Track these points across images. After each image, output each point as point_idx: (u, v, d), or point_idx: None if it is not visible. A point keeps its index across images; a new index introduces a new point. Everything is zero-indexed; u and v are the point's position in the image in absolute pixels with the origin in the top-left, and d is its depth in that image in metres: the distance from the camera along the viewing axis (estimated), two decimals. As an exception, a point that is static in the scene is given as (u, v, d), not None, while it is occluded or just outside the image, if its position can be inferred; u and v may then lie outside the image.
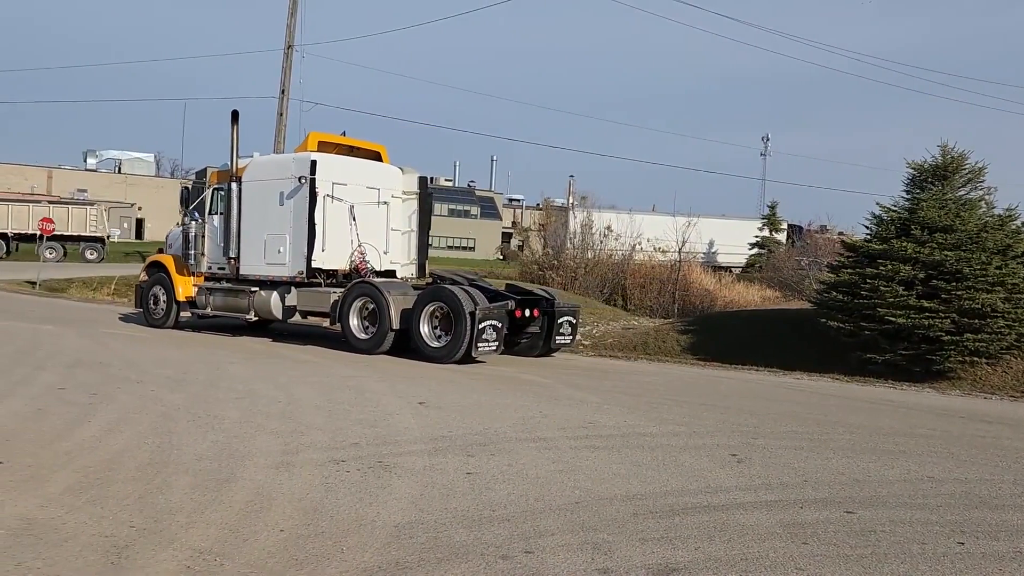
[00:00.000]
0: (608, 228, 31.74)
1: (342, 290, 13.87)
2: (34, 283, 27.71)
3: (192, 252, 15.96)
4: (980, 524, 5.46)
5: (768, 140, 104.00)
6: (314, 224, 14.04)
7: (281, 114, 28.50)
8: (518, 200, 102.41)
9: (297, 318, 15.00)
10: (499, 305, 12.85)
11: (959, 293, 13.11)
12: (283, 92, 28.65)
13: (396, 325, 13.06)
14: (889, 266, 13.71)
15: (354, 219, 14.63)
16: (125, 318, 18.36)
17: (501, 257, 71.06)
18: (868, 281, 13.88)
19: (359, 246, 14.69)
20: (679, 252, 31.18)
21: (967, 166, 15.24)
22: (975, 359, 13.20)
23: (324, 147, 15.09)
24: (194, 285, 16.09)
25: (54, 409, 8.02)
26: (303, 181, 14.05)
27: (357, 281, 13.85)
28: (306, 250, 14.06)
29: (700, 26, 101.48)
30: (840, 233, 33.55)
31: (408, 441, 7.23)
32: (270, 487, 5.68)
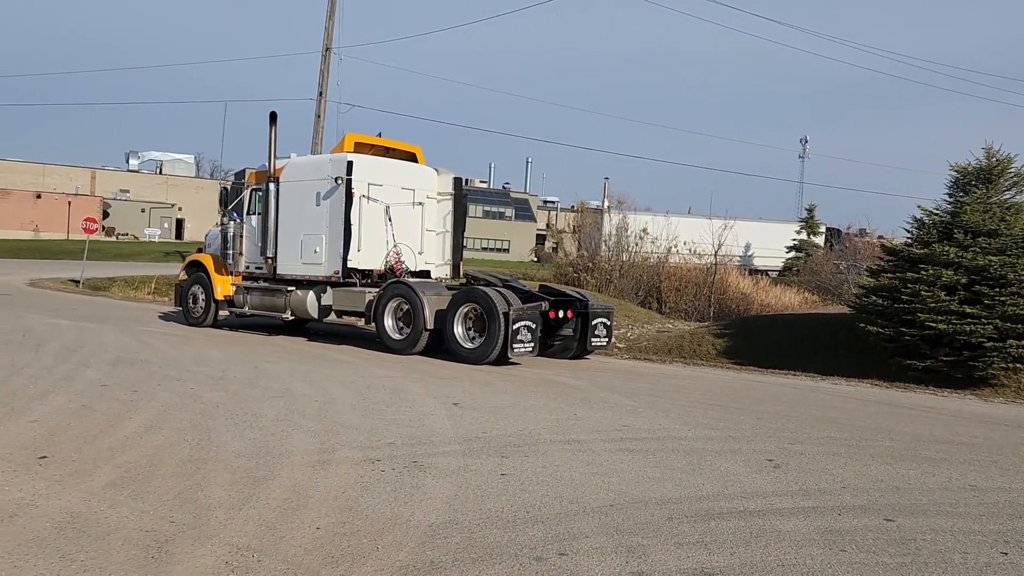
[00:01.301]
0: (644, 230, 31.62)
1: (377, 290, 13.95)
2: (77, 282, 28.31)
3: (230, 252, 16.18)
4: (1025, 535, 5.34)
5: (806, 142, 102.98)
6: (350, 224, 14.16)
7: (319, 116, 28.81)
8: (553, 202, 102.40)
9: (332, 317, 15.14)
10: (533, 306, 12.82)
11: (1003, 299, 12.85)
12: (320, 94, 28.95)
13: (430, 325, 13.10)
14: (931, 271, 13.48)
15: (390, 219, 14.74)
16: (165, 316, 18.65)
17: (535, 259, 71.15)
18: (909, 286, 13.65)
19: (394, 246, 14.79)
20: (715, 255, 30.98)
21: (1013, 169, 14.94)
22: (1019, 366, 12.93)
23: (360, 148, 15.23)
24: (232, 284, 16.30)
25: (97, 405, 8.19)
26: (339, 182, 14.18)
27: (392, 281, 13.93)
28: (342, 250, 14.18)
29: (737, 28, 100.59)
30: (880, 237, 33.11)
31: (442, 441, 7.27)
32: (307, 485, 5.74)
